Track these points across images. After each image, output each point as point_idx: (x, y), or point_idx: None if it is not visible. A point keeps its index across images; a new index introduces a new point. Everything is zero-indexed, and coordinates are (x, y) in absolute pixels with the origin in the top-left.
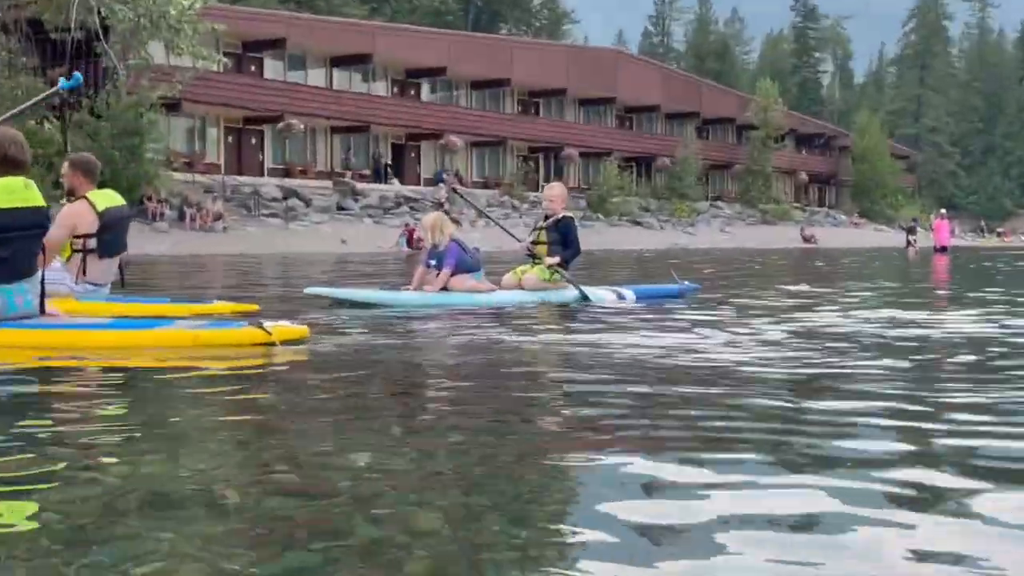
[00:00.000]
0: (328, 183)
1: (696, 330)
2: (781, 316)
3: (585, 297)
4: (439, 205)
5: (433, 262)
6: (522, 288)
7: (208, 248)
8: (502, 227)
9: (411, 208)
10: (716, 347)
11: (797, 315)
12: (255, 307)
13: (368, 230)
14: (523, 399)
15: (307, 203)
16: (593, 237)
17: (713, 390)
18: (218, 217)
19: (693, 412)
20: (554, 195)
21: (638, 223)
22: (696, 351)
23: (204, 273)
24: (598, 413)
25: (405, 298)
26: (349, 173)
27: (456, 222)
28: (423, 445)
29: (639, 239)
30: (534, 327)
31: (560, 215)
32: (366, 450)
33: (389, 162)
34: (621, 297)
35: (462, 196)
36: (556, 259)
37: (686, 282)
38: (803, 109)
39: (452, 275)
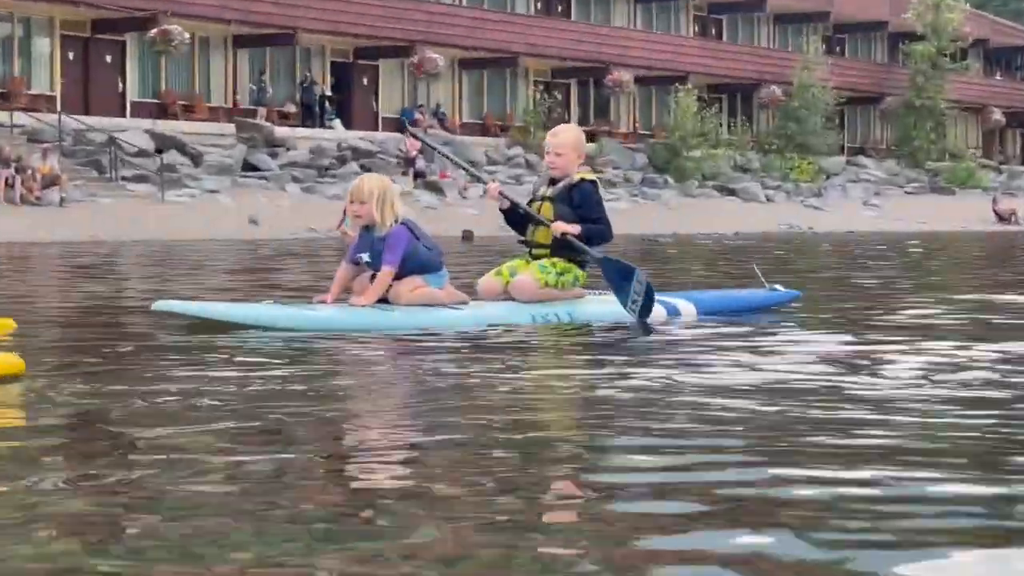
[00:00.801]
0: (229, 128)
1: (803, 372)
2: (972, 355)
3: (631, 271)
4: (408, 162)
5: (366, 257)
6: (510, 298)
7: (32, 231)
8: (470, 171)
9: (363, 167)
10: (851, 411)
11: (1006, 348)
12: (9, 324)
13: (293, 203)
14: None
15: (195, 159)
16: (654, 213)
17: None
18: (52, 182)
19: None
20: (562, 144)
21: (730, 191)
22: (814, 420)
23: None
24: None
25: (314, 317)
26: (263, 111)
27: (436, 188)
28: None
29: (732, 216)
30: (532, 371)
31: (574, 177)
32: None
33: (328, 93)
34: (673, 312)
35: (432, 147)
36: (574, 226)
37: (778, 286)
38: (997, 9)
39: (397, 277)
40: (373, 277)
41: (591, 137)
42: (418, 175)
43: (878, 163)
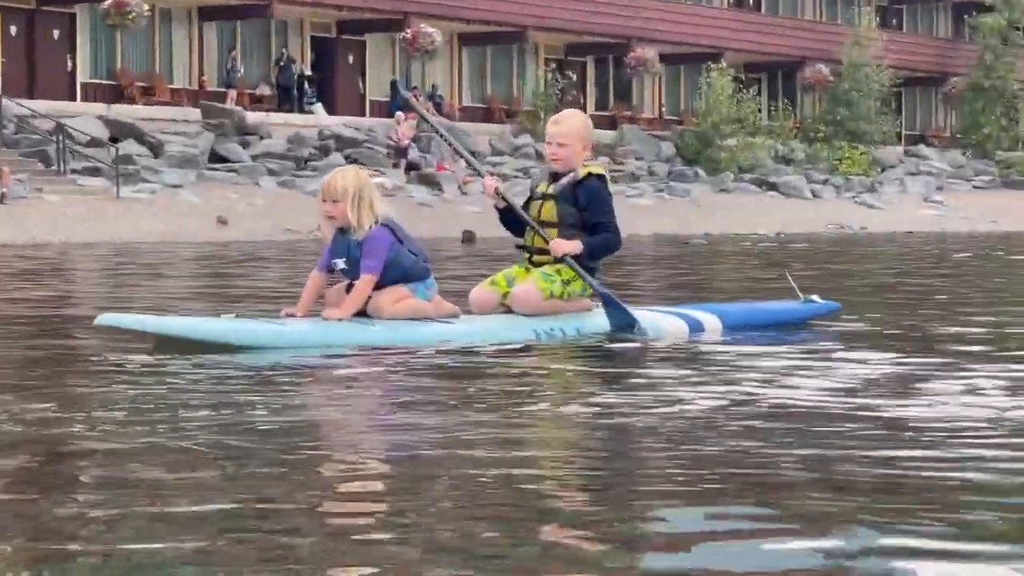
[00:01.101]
0: (194, 113)
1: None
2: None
3: (632, 323)
4: (400, 152)
5: (341, 263)
6: (509, 311)
7: None
8: (471, 160)
9: (348, 158)
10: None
11: None
12: None
13: (268, 199)
14: None
15: (155, 150)
16: (683, 211)
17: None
18: None
19: None
20: (566, 133)
21: (770, 185)
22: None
23: None
24: None
25: (282, 333)
26: (233, 94)
27: (432, 183)
28: None
29: (772, 215)
30: (535, 397)
31: (579, 172)
32: None
33: (308, 73)
34: (696, 328)
35: (428, 121)
36: (574, 244)
37: (815, 297)
38: None
39: (378, 286)
40: (350, 287)
41: (611, 123)
42: (411, 167)
43: (940, 153)
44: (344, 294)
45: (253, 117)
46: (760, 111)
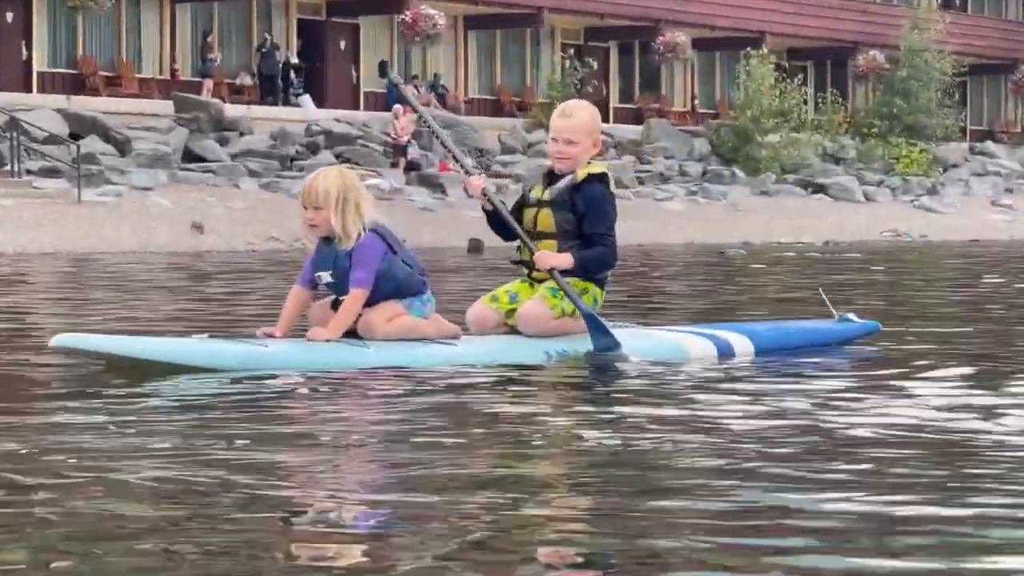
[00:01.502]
0: (166, 106)
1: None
2: None
3: (611, 344)
4: (398, 150)
5: (327, 276)
6: (513, 331)
7: None
8: (457, 155)
9: (339, 156)
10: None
11: None
12: None
13: (249, 203)
14: None
15: (121, 147)
16: (719, 217)
17: None
18: None
19: None
20: (575, 128)
21: (818, 187)
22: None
23: None
24: None
25: (262, 355)
26: (209, 84)
27: (434, 185)
28: None
29: (820, 220)
30: (546, 426)
31: (578, 174)
32: None
33: (294, 60)
34: (726, 351)
35: (424, 119)
36: (564, 258)
37: (851, 315)
38: None
39: (368, 302)
40: (336, 303)
41: (637, 117)
42: (411, 167)
43: (1011, 151)
44: (330, 311)
45: (232, 111)
46: (806, 103)
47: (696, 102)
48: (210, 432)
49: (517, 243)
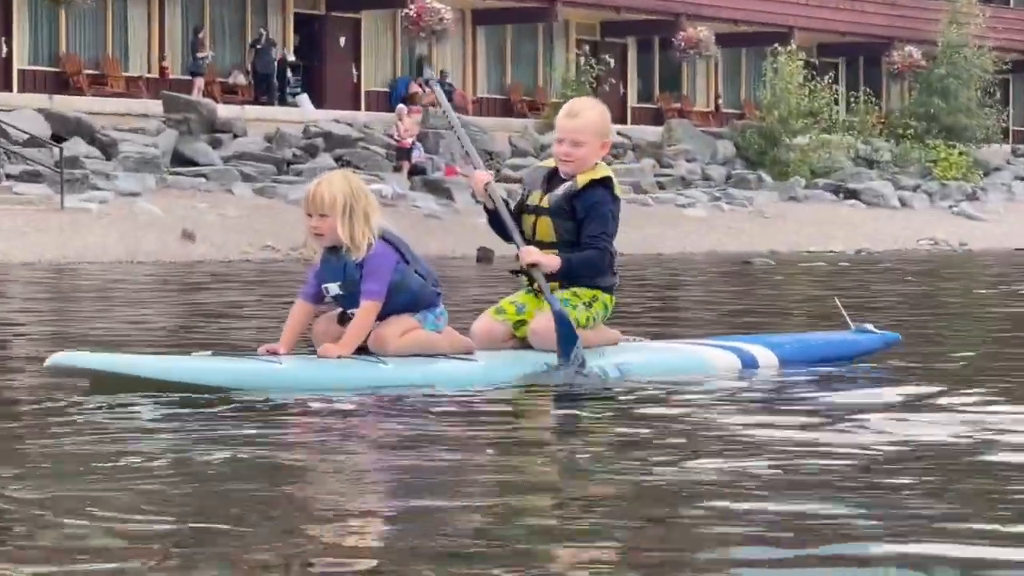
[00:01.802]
0: (154, 106)
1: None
2: None
3: (573, 359)
4: (402, 153)
5: (335, 288)
6: (522, 344)
7: None
8: (470, 154)
9: (340, 160)
10: None
11: None
12: None
13: (244, 210)
14: None
15: (107, 150)
16: (744, 224)
17: None
18: None
19: None
20: (584, 128)
21: (850, 192)
22: None
23: None
24: None
25: (272, 373)
26: (200, 83)
27: (441, 190)
28: None
29: (853, 228)
30: (575, 451)
31: (578, 180)
32: None
33: (291, 58)
34: (750, 363)
35: (449, 118)
36: (551, 259)
37: (869, 326)
38: None
39: (379, 316)
40: (343, 316)
41: (656, 118)
42: (416, 171)
43: None
44: (335, 325)
45: (225, 111)
46: (837, 103)
47: (720, 102)
48: (208, 461)
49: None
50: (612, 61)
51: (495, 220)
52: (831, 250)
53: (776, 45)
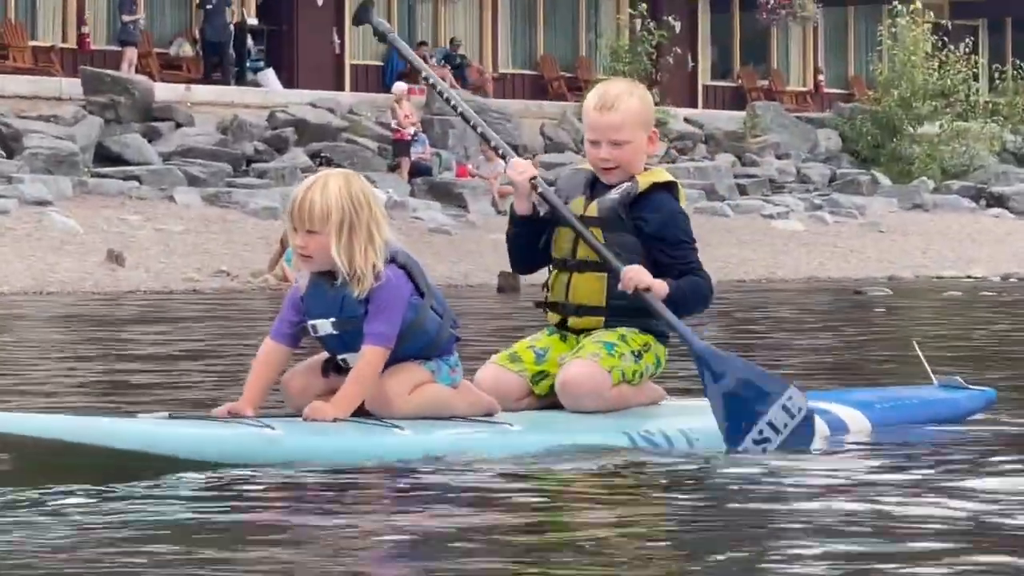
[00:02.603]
0: (72, 86)
1: None
2: None
3: (771, 441)
4: (401, 147)
5: (326, 327)
6: (541, 402)
7: None
8: (494, 140)
9: (317, 157)
10: None
11: None
12: None
13: (189, 224)
14: None
15: (9, 145)
16: (854, 241)
17: None
18: None
19: None
20: (623, 123)
21: (995, 198)
22: None
23: None
24: None
25: (274, 441)
26: (131, 56)
27: (449, 196)
28: None
29: (997, 245)
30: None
31: (639, 182)
32: None
33: (253, 21)
34: (839, 427)
35: (438, 90)
36: (659, 283)
37: (958, 379)
38: None
39: (391, 360)
40: (333, 365)
41: (736, 100)
42: (418, 170)
43: None
44: (317, 377)
45: (165, 92)
46: (977, 79)
47: (821, 79)
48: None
49: (551, 272)
50: (677, 24)
51: (525, 234)
52: (970, 275)
53: (896, 3)
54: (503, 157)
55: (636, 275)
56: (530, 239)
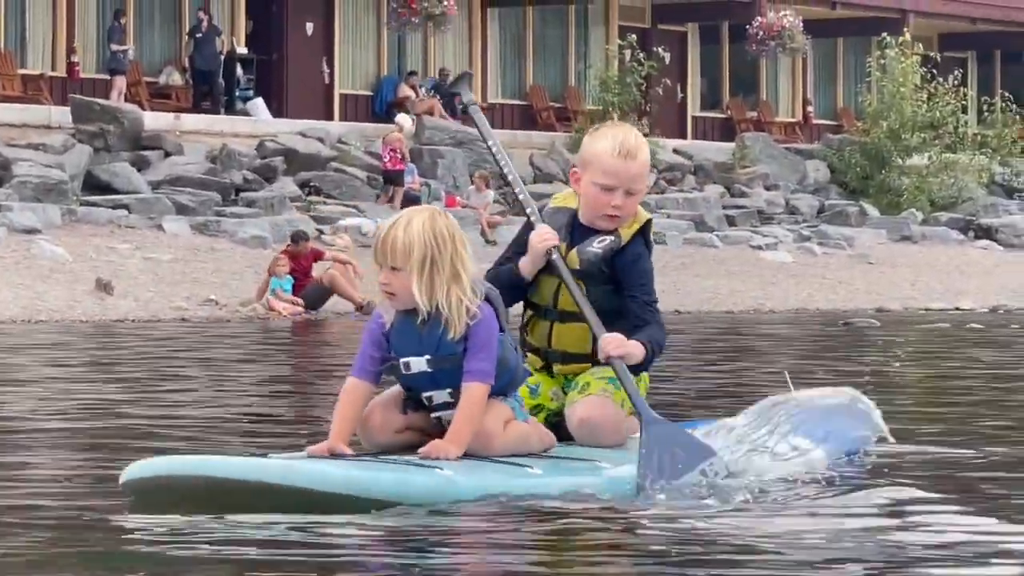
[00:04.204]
0: (61, 114)
1: None
2: None
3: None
4: (389, 178)
5: (424, 363)
6: (543, 447)
7: None
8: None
9: (307, 186)
10: None
11: None
12: None
13: (179, 253)
14: None
15: None
16: (843, 273)
17: None
18: None
19: None
20: (639, 175)
21: (983, 230)
22: None
23: None
24: None
25: (447, 483)
26: (121, 83)
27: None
28: None
29: (986, 277)
30: None
31: (622, 233)
32: None
33: (242, 50)
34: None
35: (485, 139)
36: (636, 346)
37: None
38: None
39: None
40: (415, 402)
41: (725, 131)
42: (408, 201)
43: None
44: (396, 414)
45: (154, 121)
46: (966, 111)
47: (809, 110)
48: None
49: (528, 315)
50: (667, 56)
51: (517, 286)
52: (958, 307)
53: (885, 35)
54: (530, 225)
55: (614, 346)
56: (517, 292)
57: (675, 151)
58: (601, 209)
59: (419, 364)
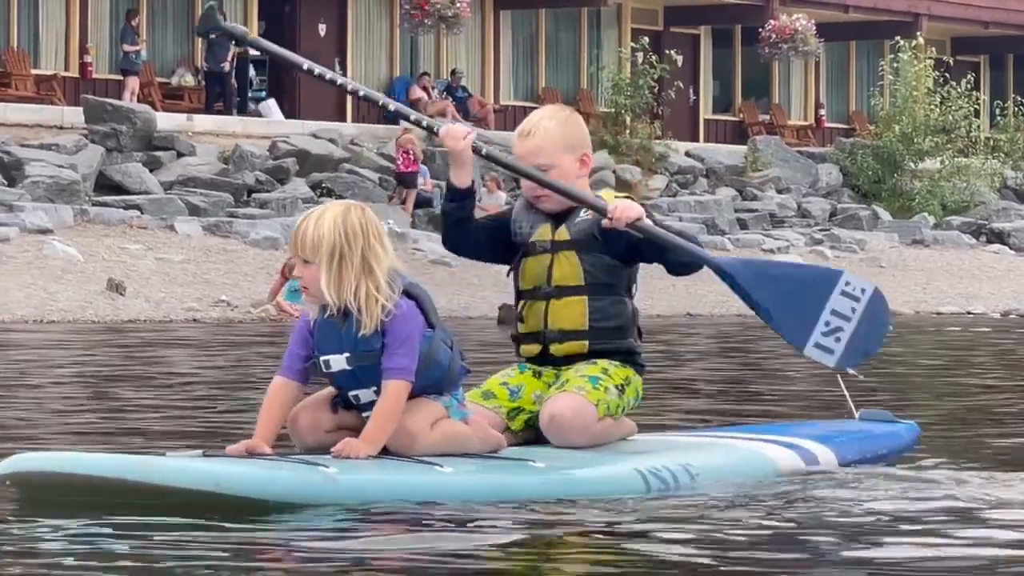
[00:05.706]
0: (74, 115)
1: None
2: None
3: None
4: (403, 180)
5: (341, 362)
6: (517, 439)
7: None
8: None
9: (319, 188)
10: None
11: None
12: None
13: (191, 253)
14: None
15: (10, 174)
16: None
17: None
18: None
19: None
20: (541, 146)
21: (995, 234)
22: None
23: None
24: None
25: (331, 481)
26: (133, 85)
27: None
28: None
29: (998, 281)
30: None
31: (607, 195)
32: None
33: (256, 51)
34: (810, 460)
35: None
36: (635, 207)
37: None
38: None
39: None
40: (344, 401)
41: (738, 134)
42: (421, 203)
43: None
44: (326, 413)
45: (167, 121)
46: (978, 115)
47: (822, 113)
48: None
49: (521, 304)
50: (679, 59)
51: (464, 208)
52: (970, 311)
53: (898, 39)
54: (428, 129)
55: (623, 211)
56: (465, 214)
57: (687, 154)
58: (528, 195)
59: (339, 362)
